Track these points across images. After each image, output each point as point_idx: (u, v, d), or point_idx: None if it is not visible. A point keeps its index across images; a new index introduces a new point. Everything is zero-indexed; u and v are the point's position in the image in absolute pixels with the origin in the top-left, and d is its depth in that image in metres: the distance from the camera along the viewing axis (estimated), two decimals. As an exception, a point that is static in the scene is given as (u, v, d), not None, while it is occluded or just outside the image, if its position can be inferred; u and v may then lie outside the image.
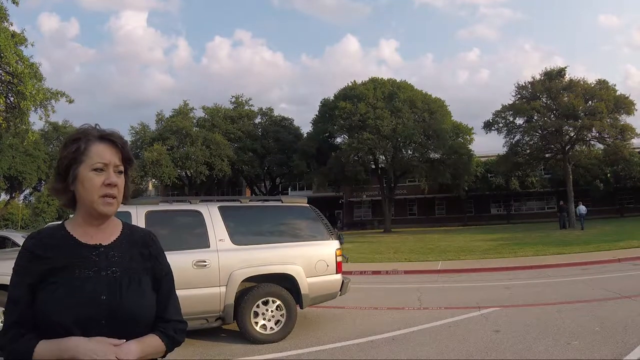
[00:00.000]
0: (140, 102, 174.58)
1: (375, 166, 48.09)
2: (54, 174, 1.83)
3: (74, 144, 1.76)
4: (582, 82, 40.36)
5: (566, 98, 39.36)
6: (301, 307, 7.80)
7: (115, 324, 1.67)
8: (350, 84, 48.47)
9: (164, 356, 1.86)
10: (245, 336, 7.36)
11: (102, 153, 1.75)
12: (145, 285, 1.81)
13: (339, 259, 8.17)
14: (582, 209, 35.45)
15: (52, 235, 1.78)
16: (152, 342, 1.77)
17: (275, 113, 59.45)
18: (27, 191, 60.63)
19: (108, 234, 1.84)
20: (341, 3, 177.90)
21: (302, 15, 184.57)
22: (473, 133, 48.83)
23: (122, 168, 1.81)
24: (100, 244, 1.79)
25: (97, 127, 1.82)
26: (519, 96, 42.37)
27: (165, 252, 1.98)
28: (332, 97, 48.93)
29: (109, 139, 1.79)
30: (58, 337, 1.61)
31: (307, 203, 8.66)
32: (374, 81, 47.83)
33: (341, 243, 8.47)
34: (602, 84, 40.20)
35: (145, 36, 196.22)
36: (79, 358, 1.56)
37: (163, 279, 1.91)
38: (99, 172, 1.74)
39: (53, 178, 1.82)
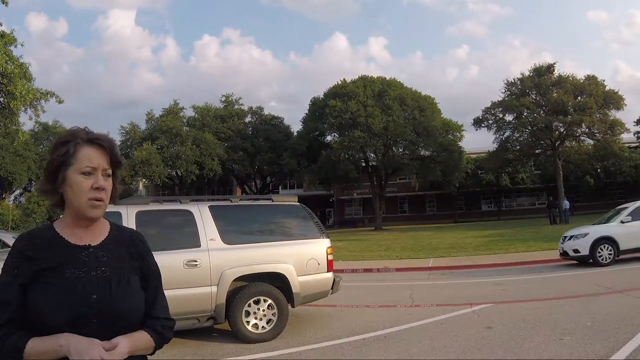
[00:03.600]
0: (130, 101, 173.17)
1: (366, 164, 48.13)
2: (43, 175, 1.84)
3: (63, 147, 1.77)
4: (571, 78, 40.64)
5: (555, 94, 39.61)
6: (293, 306, 7.78)
7: (106, 322, 1.69)
8: (340, 82, 48.28)
9: (152, 353, 1.88)
10: (237, 335, 7.33)
11: (90, 157, 1.77)
12: (134, 284, 1.84)
13: (330, 257, 8.17)
14: (566, 203, 35.75)
15: (42, 236, 1.80)
16: (142, 338, 1.80)
17: (265, 112, 59.41)
18: (17, 191, 60.43)
19: (97, 235, 1.86)
20: (329, 0, 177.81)
21: (290, 12, 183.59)
22: (463, 130, 49.14)
23: (110, 172, 1.83)
24: (89, 245, 1.81)
25: (87, 129, 1.84)
26: (509, 93, 42.60)
27: (156, 252, 2.01)
28: (321, 96, 48.79)
29: (98, 142, 1.80)
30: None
31: (298, 201, 8.65)
32: (363, 79, 47.72)
33: None
34: (591, 79, 40.48)
35: (134, 35, 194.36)
36: (69, 356, 1.57)
37: (151, 277, 1.93)
38: (87, 175, 1.76)
39: (42, 179, 1.84)
